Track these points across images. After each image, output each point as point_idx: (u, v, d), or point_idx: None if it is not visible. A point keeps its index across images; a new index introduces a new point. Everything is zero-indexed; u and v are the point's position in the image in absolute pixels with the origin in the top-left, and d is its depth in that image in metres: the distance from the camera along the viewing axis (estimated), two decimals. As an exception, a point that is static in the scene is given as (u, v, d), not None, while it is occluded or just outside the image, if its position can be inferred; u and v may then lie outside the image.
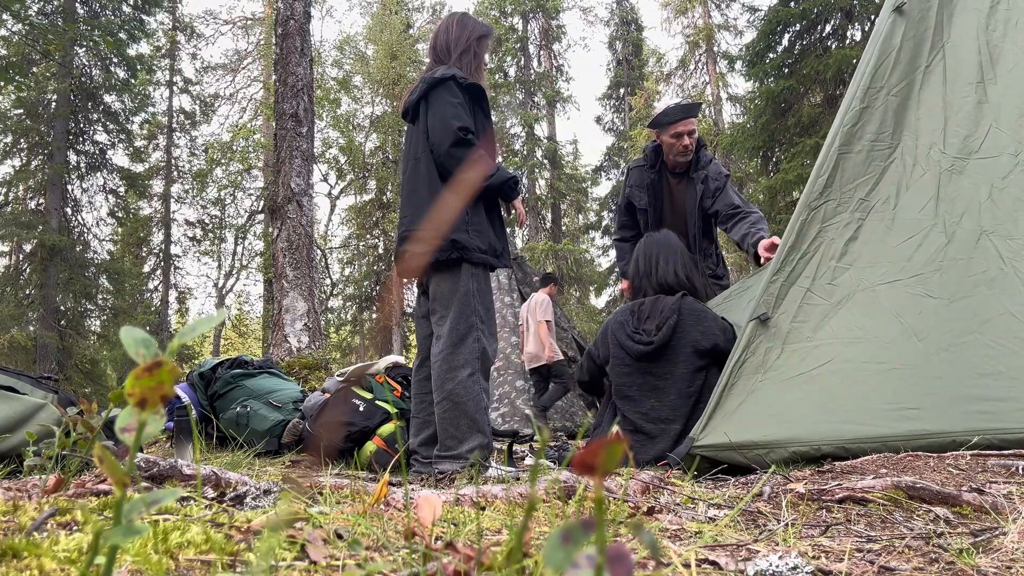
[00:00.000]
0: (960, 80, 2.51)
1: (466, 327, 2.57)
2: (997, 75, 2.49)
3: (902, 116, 2.55)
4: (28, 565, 0.61)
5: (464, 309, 2.58)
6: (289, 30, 5.34)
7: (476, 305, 2.60)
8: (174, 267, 20.81)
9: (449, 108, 2.58)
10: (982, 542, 1.07)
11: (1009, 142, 2.40)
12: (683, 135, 3.57)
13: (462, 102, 2.60)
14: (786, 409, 2.22)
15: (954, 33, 2.57)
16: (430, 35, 2.87)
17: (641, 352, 2.76)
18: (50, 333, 13.09)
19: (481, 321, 2.61)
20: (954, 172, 2.42)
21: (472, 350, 2.56)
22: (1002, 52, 2.51)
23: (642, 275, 2.97)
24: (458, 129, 2.53)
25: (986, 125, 2.44)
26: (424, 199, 2.64)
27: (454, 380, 2.52)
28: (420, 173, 2.69)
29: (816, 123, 11.70)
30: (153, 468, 1.14)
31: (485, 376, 2.62)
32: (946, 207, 2.38)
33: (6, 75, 8.02)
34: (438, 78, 2.63)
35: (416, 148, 2.73)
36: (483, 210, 2.66)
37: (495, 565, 0.64)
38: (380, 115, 22.05)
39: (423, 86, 2.68)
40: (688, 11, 21.24)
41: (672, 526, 1.18)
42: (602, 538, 0.34)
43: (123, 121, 16.12)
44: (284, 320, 4.71)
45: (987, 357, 2.13)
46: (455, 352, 2.55)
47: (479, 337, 2.58)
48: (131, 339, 0.45)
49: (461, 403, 2.50)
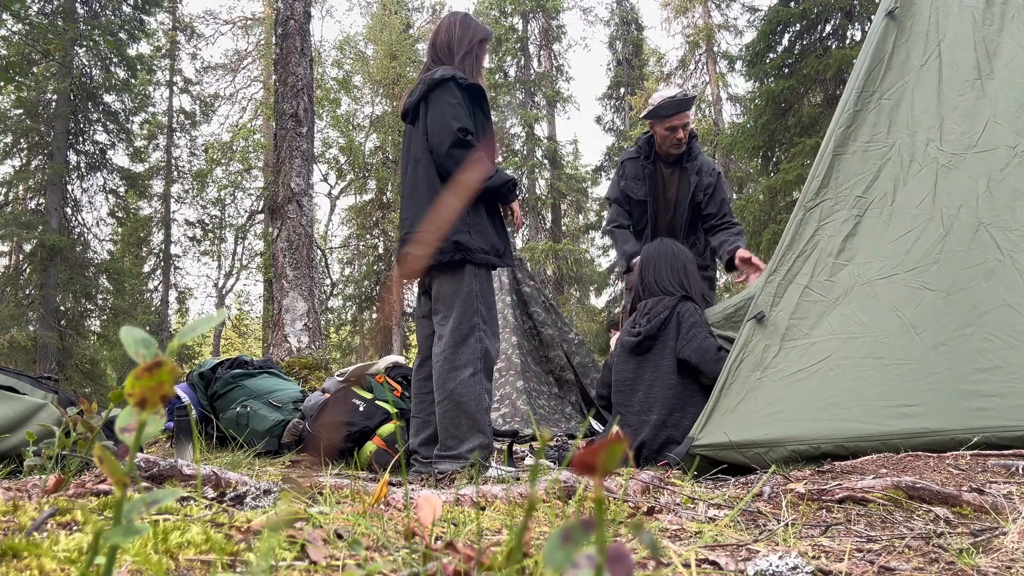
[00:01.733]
0: (957, 78, 2.51)
1: (468, 327, 2.57)
2: (994, 70, 2.48)
3: (897, 116, 2.55)
4: (28, 565, 0.61)
5: (467, 309, 2.58)
6: (289, 30, 5.34)
7: (479, 305, 2.60)
8: (174, 267, 20.80)
9: (449, 109, 2.57)
10: (982, 542, 1.07)
11: (1007, 135, 2.39)
12: (678, 128, 3.60)
13: (462, 103, 2.60)
14: (785, 407, 2.21)
15: (949, 31, 2.56)
16: (430, 34, 2.86)
17: (632, 344, 2.87)
18: (50, 333, 13.09)
19: (484, 321, 2.61)
20: (951, 167, 2.42)
21: (474, 350, 2.56)
22: (999, 46, 2.51)
23: (644, 284, 3.07)
24: (458, 130, 2.53)
25: (983, 120, 2.43)
26: (424, 200, 2.64)
27: (455, 380, 2.52)
28: (419, 174, 2.69)
29: (816, 123, 11.70)
30: (153, 468, 1.14)
31: (487, 376, 2.62)
32: (943, 201, 2.38)
33: (6, 75, 8.02)
34: (438, 79, 2.62)
35: (416, 149, 2.73)
36: (484, 211, 2.66)
37: (495, 565, 0.64)
38: (380, 115, 22.05)
39: (423, 87, 2.67)
40: (688, 11, 21.23)
41: (672, 526, 1.18)
42: (602, 538, 0.34)
43: (123, 121, 16.12)
44: (284, 320, 4.71)
45: (985, 351, 2.13)
46: (457, 352, 2.55)
47: (481, 337, 2.58)
48: (131, 339, 0.45)
49: (462, 403, 2.50)
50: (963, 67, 2.52)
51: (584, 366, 6.39)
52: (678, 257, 3.05)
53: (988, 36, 2.53)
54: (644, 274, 3.08)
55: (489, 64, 24.71)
